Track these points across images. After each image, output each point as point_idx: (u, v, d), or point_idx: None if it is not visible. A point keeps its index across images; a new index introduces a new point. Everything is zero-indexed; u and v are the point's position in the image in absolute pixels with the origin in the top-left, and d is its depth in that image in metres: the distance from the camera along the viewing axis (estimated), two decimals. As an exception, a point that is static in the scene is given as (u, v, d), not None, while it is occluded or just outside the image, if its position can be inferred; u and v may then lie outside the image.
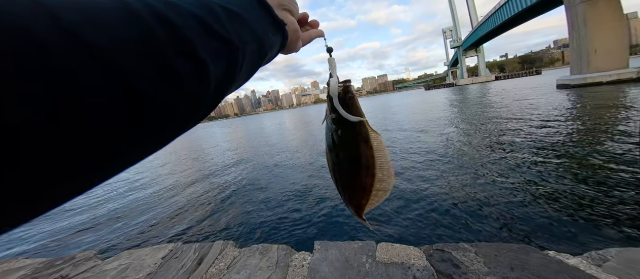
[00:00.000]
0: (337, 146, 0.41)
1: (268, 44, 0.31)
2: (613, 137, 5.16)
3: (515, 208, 3.04)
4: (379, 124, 13.76)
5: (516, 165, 4.48)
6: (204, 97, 0.22)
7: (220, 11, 0.24)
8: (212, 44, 0.22)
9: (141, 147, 0.19)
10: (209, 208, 4.58)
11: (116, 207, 5.37)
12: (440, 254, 1.40)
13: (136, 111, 0.16)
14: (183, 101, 0.20)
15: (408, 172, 4.95)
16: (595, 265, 1.09)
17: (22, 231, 4.50)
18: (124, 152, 0.17)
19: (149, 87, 0.17)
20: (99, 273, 1.57)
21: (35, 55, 0.12)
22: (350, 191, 0.42)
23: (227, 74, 0.25)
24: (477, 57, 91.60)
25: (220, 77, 0.23)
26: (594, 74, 18.27)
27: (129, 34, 0.16)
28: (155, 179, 7.62)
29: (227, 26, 0.24)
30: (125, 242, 3.64)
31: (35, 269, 1.67)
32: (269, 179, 5.97)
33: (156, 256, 1.67)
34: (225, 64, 0.24)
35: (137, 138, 0.17)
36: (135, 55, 0.16)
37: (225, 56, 0.24)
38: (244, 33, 0.26)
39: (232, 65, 0.25)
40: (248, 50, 0.27)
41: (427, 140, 7.83)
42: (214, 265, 1.52)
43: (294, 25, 0.37)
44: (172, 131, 0.21)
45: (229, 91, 0.27)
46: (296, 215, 3.73)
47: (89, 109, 0.14)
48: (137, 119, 0.16)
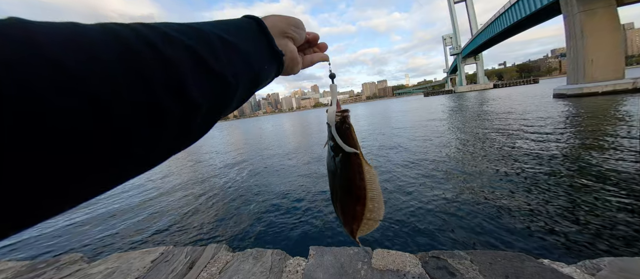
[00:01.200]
0: (334, 171, 0.43)
1: (263, 75, 0.31)
2: (609, 149, 5.21)
3: (511, 217, 3.03)
4: (377, 130, 13.80)
5: (512, 174, 4.50)
6: (190, 128, 0.22)
7: (216, 43, 0.24)
8: (204, 81, 0.22)
9: (105, 174, 0.17)
10: (203, 210, 4.52)
11: (107, 208, 5.29)
12: (436, 261, 1.38)
13: (109, 137, 0.16)
14: (167, 134, 0.19)
15: (405, 179, 4.95)
16: (589, 274, 1.08)
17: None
18: (84, 175, 0.16)
19: (130, 119, 0.16)
20: (84, 276, 1.53)
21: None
22: (343, 215, 0.44)
23: (217, 107, 0.24)
24: (476, 64, 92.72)
25: (209, 110, 0.23)
26: (590, 84, 18.48)
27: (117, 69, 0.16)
28: (149, 180, 7.54)
29: (222, 59, 0.24)
30: (115, 244, 3.58)
31: (17, 272, 1.63)
32: (264, 182, 5.93)
33: (146, 259, 1.64)
34: (216, 99, 0.24)
35: (100, 164, 0.16)
36: (120, 83, 0.16)
37: (216, 92, 0.23)
38: (238, 65, 0.26)
39: (222, 99, 0.25)
40: (242, 82, 0.27)
41: (424, 147, 7.86)
42: (206, 270, 1.49)
43: (293, 53, 0.36)
44: (154, 158, 0.21)
45: (219, 118, 0.26)
46: (291, 220, 3.69)
47: (51, 122, 0.13)
48: (109, 144, 0.16)
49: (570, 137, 6.71)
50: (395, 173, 5.32)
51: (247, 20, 0.31)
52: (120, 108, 0.16)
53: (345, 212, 0.44)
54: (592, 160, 4.62)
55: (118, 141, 0.16)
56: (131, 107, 0.16)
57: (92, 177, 0.16)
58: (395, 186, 4.57)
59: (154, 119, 0.18)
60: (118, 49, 0.17)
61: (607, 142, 5.69)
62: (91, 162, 0.15)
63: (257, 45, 0.30)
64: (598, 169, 4.16)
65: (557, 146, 5.92)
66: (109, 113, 0.15)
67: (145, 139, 0.18)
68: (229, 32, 0.26)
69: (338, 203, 0.45)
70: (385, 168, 5.80)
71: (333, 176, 0.43)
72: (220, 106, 0.25)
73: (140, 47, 0.18)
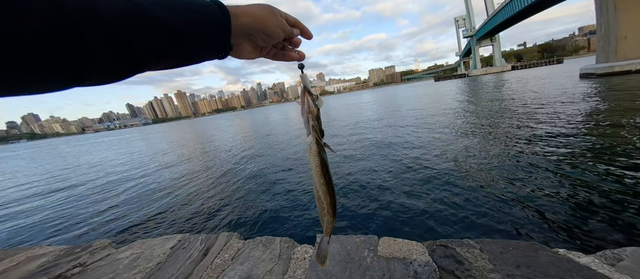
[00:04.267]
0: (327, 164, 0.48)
1: (197, 56, 0.32)
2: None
3: (528, 205, 2.93)
4: (386, 117, 13.53)
5: (530, 160, 4.30)
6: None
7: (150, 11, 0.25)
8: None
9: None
10: (214, 200, 4.72)
11: (128, 195, 5.65)
12: (444, 249, 1.37)
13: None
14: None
15: (414, 165, 4.87)
16: (609, 264, 1.03)
17: (46, 217, 4.84)
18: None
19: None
20: (113, 261, 1.66)
21: None
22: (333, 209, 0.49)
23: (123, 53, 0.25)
24: (493, 46, 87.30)
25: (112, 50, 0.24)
26: (623, 62, 16.97)
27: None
28: (165, 170, 7.90)
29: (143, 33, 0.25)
30: (138, 232, 3.84)
31: (56, 256, 1.79)
32: (272, 172, 6.05)
33: (165, 246, 1.74)
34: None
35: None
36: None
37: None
38: (158, 41, 0.27)
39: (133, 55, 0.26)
40: (160, 53, 0.28)
41: (434, 132, 7.64)
42: (219, 256, 1.57)
43: (242, 54, 0.38)
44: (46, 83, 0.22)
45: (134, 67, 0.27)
46: (299, 209, 3.77)
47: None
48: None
49: (597, 120, 6.25)
50: (402, 161, 5.24)
51: (214, 9, 0.31)
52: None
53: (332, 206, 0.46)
54: (623, 144, 4.30)
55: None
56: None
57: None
58: (402, 173, 4.52)
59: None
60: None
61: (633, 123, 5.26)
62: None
63: (208, 35, 0.30)
64: (629, 154, 3.87)
65: (581, 129, 5.56)
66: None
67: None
68: (182, 18, 0.27)
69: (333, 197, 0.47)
70: (392, 156, 5.72)
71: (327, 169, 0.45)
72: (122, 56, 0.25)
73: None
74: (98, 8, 0.22)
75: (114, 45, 0.23)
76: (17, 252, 1.94)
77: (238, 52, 0.37)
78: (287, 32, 0.40)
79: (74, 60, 0.21)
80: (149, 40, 0.26)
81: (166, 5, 0.27)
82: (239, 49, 0.36)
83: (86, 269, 1.63)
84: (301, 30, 0.43)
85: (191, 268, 1.49)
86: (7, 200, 7.01)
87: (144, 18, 0.25)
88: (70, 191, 7.09)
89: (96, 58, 0.23)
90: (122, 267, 1.58)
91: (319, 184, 0.43)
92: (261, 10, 0.35)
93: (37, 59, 0.20)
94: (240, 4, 0.35)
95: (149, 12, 0.25)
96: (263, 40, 0.37)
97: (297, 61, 0.45)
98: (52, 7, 0.19)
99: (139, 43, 0.25)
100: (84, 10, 0.21)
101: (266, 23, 0.35)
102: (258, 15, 0.34)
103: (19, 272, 1.65)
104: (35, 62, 0.20)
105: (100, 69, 0.24)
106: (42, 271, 1.62)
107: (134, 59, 0.25)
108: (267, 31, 0.36)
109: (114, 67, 0.25)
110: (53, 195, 6.85)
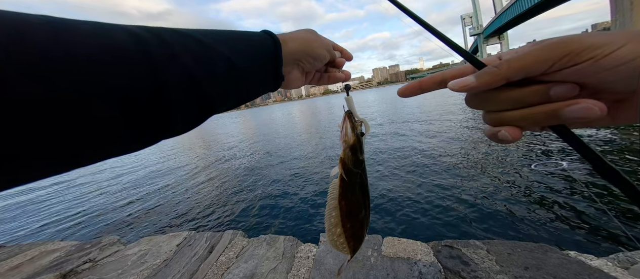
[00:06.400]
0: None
1: (253, 93, 0.31)
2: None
3: (538, 206, 2.86)
4: (391, 115, 13.42)
5: (540, 159, 4.19)
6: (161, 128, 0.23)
7: (219, 64, 0.25)
8: (192, 102, 0.23)
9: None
10: (219, 198, 4.77)
11: (137, 193, 5.77)
12: (449, 250, 1.35)
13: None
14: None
15: (420, 164, 4.81)
16: (622, 268, 1.00)
17: (60, 213, 5.00)
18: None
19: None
20: (122, 257, 1.70)
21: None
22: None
23: (199, 114, 0.26)
24: (500, 44, 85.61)
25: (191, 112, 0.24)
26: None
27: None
28: (171, 168, 8.04)
29: (219, 83, 0.25)
30: (145, 228, 3.92)
31: (68, 251, 1.85)
32: (277, 171, 6.08)
33: (172, 243, 1.77)
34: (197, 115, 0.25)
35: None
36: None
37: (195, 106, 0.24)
38: (232, 85, 0.27)
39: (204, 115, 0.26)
40: (230, 99, 0.28)
41: (441, 130, 7.53)
42: (224, 254, 1.59)
43: (293, 83, 0.38)
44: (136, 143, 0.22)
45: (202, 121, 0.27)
46: (303, 207, 3.78)
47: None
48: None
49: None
50: (407, 159, 5.19)
51: (264, 39, 0.31)
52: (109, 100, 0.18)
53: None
54: (635, 144, 4.15)
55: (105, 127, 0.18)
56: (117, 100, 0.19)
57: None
58: (407, 172, 4.47)
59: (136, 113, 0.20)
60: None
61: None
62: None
63: (261, 67, 0.30)
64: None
65: (593, 129, 5.39)
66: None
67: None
68: (238, 52, 0.27)
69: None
70: (396, 154, 5.67)
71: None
72: (200, 117, 0.26)
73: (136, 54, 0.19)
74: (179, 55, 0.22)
75: (195, 94, 0.23)
76: (31, 247, 2.01)
77: (288, 82, 0.37)
78: (332, 53, 0.40)
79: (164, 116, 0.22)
80: (217, 85, 0.25)
81: (228, 42, 0.27)
82: (289, 79, 0.36)
83: (96, 265, 1.67)
84: (341, 52, 0.44)
85: (197, 265, 1.52)
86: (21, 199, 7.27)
87: (211, 56, 0.25)
88: (79, 188, 7.30)
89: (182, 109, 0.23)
90: (130, 263, 1.62)
91: (332, 234, 0.37)
92: (306, 34, 0.36)
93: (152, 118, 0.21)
94: (285, 32, 0.36)
95: (217, 52, 0.25)
96: (310, 64, 0.37)
97: (343, 81, 0.45)
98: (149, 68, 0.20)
99: (211, 87, 0.24)
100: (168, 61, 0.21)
101: (313, 45, 0.36)
102: (304, 39, 0.35)
103: (33, 266, 1.71)
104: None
105: (186, 118, 0.24)
106: (54, 266, 1.67)
107: (206, 104, 0.25)
108: (314, 53, 0.36)
109: (193, 116, 0.25)
110: (62, 191, 7.07)
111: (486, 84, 0.20)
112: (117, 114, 0.18)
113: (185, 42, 0.23)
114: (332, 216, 0.36)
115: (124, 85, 0.18)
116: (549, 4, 39.90)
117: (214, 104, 0.26)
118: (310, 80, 0.43)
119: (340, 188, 0.35)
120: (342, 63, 0.44)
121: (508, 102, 0.21)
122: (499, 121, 0.22)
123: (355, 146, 0.35)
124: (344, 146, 0.35)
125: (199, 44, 0.24)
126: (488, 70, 0.20)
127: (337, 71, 0.44)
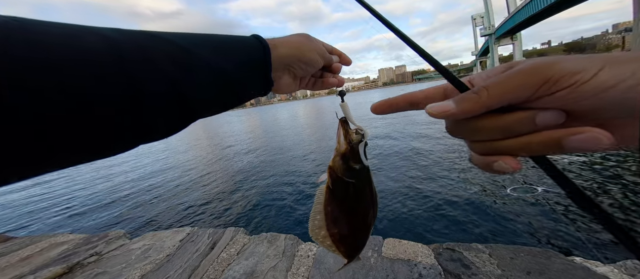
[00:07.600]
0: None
1: (241, 97, 0.31)
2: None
3: (542, 211, 2.79)
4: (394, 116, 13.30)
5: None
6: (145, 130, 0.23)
7: (202, 72, 0.25)
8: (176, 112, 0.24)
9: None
10: (222, 195, 4.84)
11: (143, 189, 5.90)
12: (450, 253, 1.34)
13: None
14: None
15: (422, 166, 4.76)
16: (629, 275, 0.97)
17: (72, 206, 5.15)
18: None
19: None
20: (127, 251, 1.74)
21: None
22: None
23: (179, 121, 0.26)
24: (513, 45, 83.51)
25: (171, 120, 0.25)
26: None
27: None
28: (177, 165, 8.17)
29: (201, 88, 0.25)
30: (150, 224, 4.01)
31: (76, 244, 1.90)
32: (280, 170, 6.11)
33: (175, 238, 1.81)
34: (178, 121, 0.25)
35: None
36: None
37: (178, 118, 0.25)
38: (214, 91, 0.26)
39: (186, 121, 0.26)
40: (213, 105, 0.28)
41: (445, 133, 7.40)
42: (225, 250, 1.61)
43: (283, 88, 0.37)
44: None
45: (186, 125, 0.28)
46: (305, 207, 3.80)
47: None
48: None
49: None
50: (410, 161, 5.14)
51: (252, 43, 0.31)
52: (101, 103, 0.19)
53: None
54: None
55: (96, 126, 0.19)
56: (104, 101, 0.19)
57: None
58: (409, 174, 4.43)
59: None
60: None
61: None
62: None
63: (249, 72, 0.29)
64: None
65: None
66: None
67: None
68: (222, 57, 0.27)
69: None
70: (399, 155, 5.62)
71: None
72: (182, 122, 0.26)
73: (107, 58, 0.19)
74: (157, 62, 0.22)
75: (175, 98, 0.23)
76: (41, 238, 2.07)
77: (278, 87, 0.36)
78: (327, 58, 0.39)
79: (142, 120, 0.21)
80: (200, 89, 0.25)
81: (211, 46, 0.26)
82: (279, 84, 0.35)
83: (102, 258, 1.72)
84: (339, 56, 0.42)
85: (198, 260, 1.54)
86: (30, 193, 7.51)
87: (194, 62, 0.25)
88: (87, 185, 7.50)
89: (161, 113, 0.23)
90: (134, 257, 1.66)
91: (316, 235, 0.36)
92: (298, 38, 0.35)
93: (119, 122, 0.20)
94: (277, 37, 0.35)
95: (198, 57, 0.25)
96: (302, 70, 0.36)
97: (336, 87, 0.42)
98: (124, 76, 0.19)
99: (193, 92, 0.24)
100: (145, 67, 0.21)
101: (304, 49, 0.35)
102: (295, 43, 0.34)
103: (42, 258, 1.76)
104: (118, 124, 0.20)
105: (166, 122, 0.24)
106: (62, 258, 1.72)
107: (189, 110, 0.25)
108: (305, 58, 0.35)
109: (175, 121, 0.25)
110: (68, 188, 7.28)
111: (466, 112, 0.19)
112: (84, 119, 0.17)
113: (162, 47, 0.22)
114: (316, 219, 0.36)
115: (92, 89, 0.17)
116: (566, 4, 38.53)
117: (197, 110, 0.26)
118: (305, 85, 0.42)
119: (326, 195, 0.34)
120: (338, 68, 0.42)
121: (496, 132, 0.19)
122: (492, 150, 0.20)
123: (346, 154, 0.33)
124: (335, 154, 0.34)
125: (179, 48, 0.23)
126: (467, 96, 0.19)
127: (332, 75, 0.42)
